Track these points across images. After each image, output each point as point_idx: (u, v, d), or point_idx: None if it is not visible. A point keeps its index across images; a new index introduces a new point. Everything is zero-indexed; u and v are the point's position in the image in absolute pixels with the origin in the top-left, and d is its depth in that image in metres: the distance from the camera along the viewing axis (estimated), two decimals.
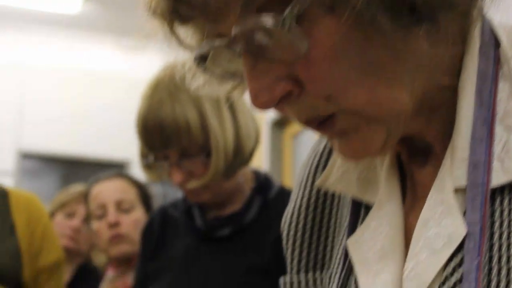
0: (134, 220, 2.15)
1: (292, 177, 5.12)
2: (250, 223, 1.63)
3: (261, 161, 5.17)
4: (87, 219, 2.68)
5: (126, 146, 6.28)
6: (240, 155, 1.60)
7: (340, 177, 0.80)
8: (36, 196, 2.26)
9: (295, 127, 5.32)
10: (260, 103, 0.67)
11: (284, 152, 5.44)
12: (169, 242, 1.71)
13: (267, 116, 5.29)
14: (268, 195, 1.67)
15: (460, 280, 0.65)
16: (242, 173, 1.67)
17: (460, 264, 0.65)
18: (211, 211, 1.68)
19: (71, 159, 7.02)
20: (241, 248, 1.61)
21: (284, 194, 1.66)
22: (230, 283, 1.57)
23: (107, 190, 2.20)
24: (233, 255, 1.61)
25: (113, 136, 6.99)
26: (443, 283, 0.66)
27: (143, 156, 1.65)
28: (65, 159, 7.04)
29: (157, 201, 2.26)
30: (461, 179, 0.68)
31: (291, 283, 0.86)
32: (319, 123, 0.69)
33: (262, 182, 1.69)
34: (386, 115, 0.67)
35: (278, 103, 0.68)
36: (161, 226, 1.74)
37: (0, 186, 2.23)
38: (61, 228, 2.67)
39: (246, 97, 1.67)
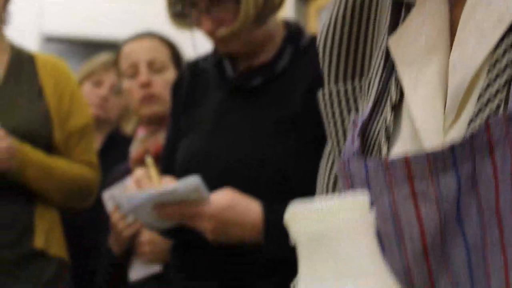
0: (166, 80, 2.11)
1: None
2: (282, 72, 1.60)
3: None
4: (115, 87, 2.67)
5: (151, 28, 6.23)
6: (270, 0, 1.55)
7: None
8: (63, 61, 2.25)
9: (320, 2, 5.23)
10: None
11: (309, 27, 5.36)
12: (199, 96, 1.69)
13: None
14: (300, 43, 1.63)
15: None
16: (273, 22, 1.63)
17: None
18: (242, 62, 1.65)
19: (95, 42, 6.98)
20: (271, 99, 1.59)
21: (315, 42, 1.62)
22: (257, 139, 1.55)
23: (139, 49, 2.15)
24: (263, 108, 1.59)
25: (138, 17, 6.91)
26: (494, 65, 0.63)
27: (171, 4, 1.60)
28: (89, 42, 6.99)
29: None
30: None
31: (330, 94, 0.83)
32: None
33: (293, 31, 1.65)
34: None
35: None
36: (191, 81, 1.72)
37: (27, 51, 2.22)
38: (89, 97, 2.65)
39: None
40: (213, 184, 1.49)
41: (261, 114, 1.58)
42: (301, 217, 0.44)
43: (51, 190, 2.06)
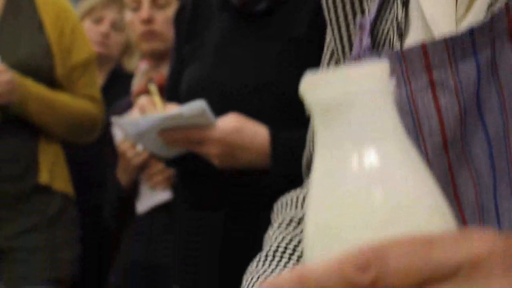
0: (168, 17, 2.06)
1: None
2: None
3: None
4: (116, 23, 2.64)
5: None
6: None
7: None
8: None
9: None
10: None
11: None
12: (202, 27, 1.66)
13: None
14: None
15: None
16: None
17: None
18: None
19: None
20: (275, 27, 1.56)
21: None
22: (260, 66, 1.53)
23: None
24: (267, 36, 1.56)
25: None
26: None
27: None
28: None
29: None
30: None
31: None
32: None
33: None
34: None
35: None
36: (194, 8, 1.69)
37: None
38: (90, 34, 2.61)
39: None
40: (217, 111, 1.47)
41: (265, 43, 1.56)
42: (317, 85, 0.41)
43: (53, 124, 2.05)
